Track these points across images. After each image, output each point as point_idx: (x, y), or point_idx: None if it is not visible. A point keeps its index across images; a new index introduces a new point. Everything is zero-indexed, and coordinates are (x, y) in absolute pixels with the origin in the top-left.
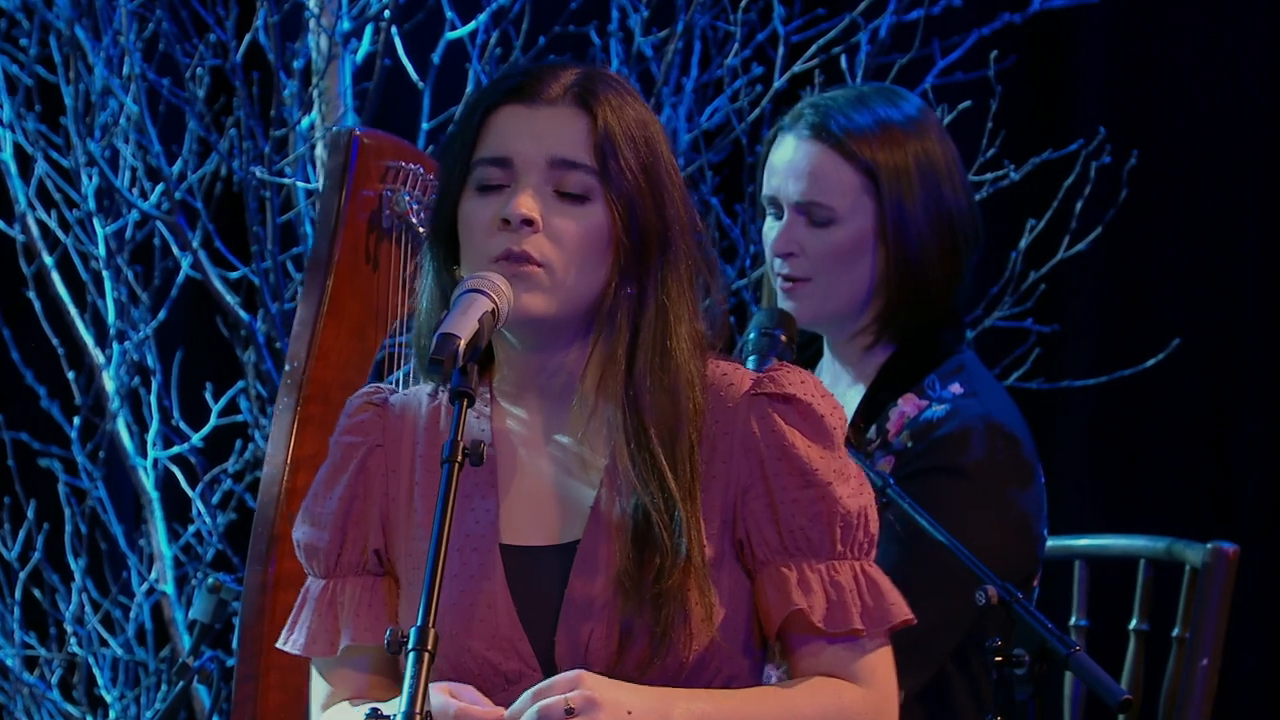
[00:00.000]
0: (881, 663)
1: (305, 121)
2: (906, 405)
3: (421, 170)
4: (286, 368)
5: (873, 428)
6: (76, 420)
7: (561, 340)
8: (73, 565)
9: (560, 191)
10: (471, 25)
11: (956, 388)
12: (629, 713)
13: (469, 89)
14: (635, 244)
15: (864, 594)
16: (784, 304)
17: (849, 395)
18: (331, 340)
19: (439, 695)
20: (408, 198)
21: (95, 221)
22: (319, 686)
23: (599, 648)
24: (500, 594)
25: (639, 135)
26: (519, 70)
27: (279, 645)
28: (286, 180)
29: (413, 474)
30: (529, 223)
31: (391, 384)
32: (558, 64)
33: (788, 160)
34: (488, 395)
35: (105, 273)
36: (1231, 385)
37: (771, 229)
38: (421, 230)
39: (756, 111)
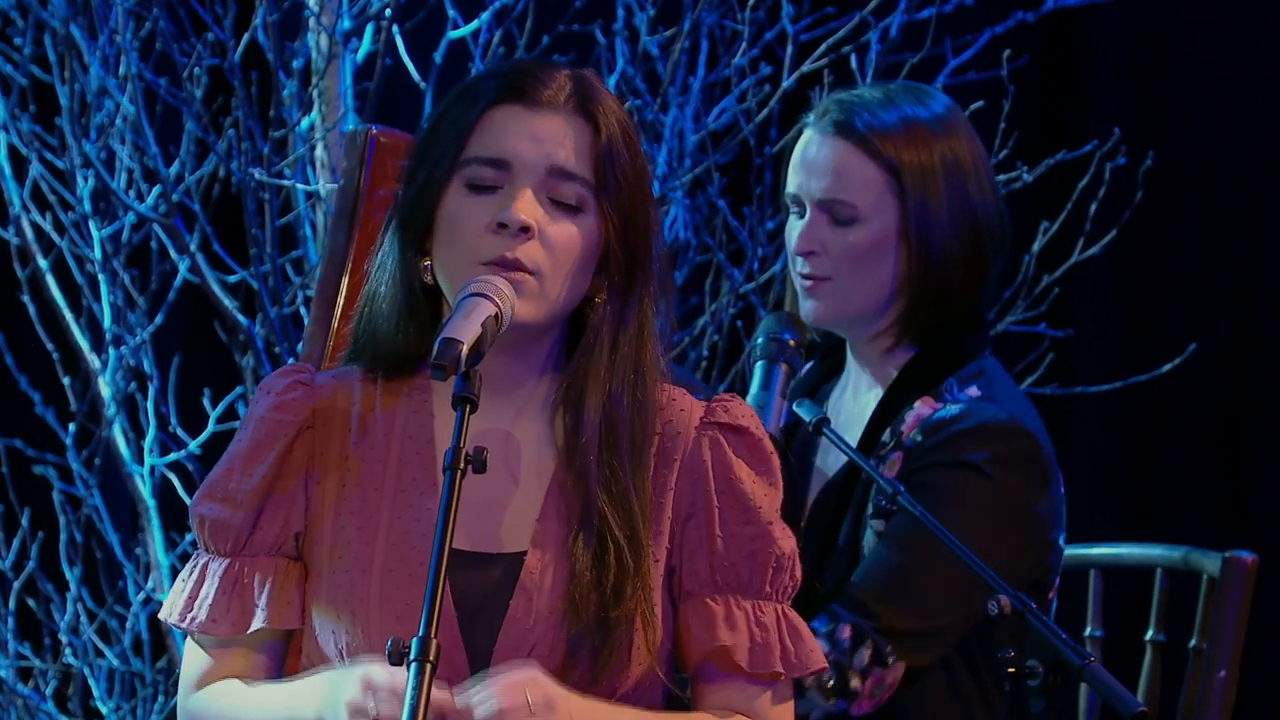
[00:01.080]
0: (788, 710)
1: (305, 122)
2: (923, 407)
3: None
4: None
5: (887, 430)
6: (72, 427)
7: (534, 347)
8: (68, 574)
9: (555, 200)
10: (474, 24)
11: (974, 390)
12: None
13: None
14: (626, 257)
15: (785, 637)
16: (805, 303)
17: (868, 398)
18: (345, 341)
19: (388, 670)
20: None
21: (91, 224)
22: (198, 660)
23: (541, 664)
24: (442, 599)
25: (631, 145)
26: (511, 67)
27: (168, 619)
28: (286, 182)
29: (344, 460)
30: (526, 230)
31: None
32: (548, 63)
33: (811, 157)
34: (430, 392)
35: (101, 276)
36: (1249, 391)
37: (794, 227)
38: None
39: (765, 112)
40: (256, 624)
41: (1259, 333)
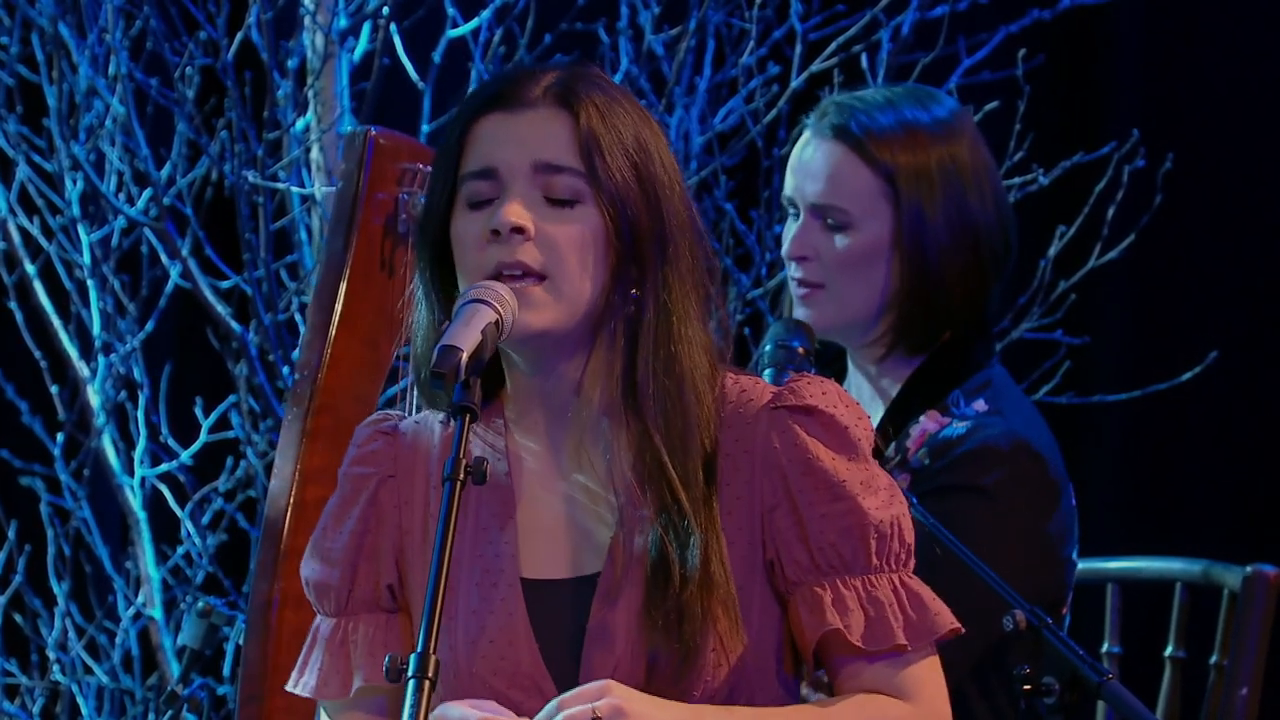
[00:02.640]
0: (930, 675)
1: (300, 124)
2: (929, 422)
3: None
4: (295, 377)
5: (892, 445)
6: (60, 437)
7: (563, 356)
8: (56, 589)
9: (550, 197)
10: (474, 23)
11: (981, 404)
12: None
13: (471, 90)
14: (629, 246)
15: (905, 607)
16: (798, 310)
17: (869, 411)
18: (343, 349)
19: (459, 709)
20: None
21: (80, 228)
22: None
23: (624, 681)
24: (522, 630)
25: (627, 133)
26: (499, 76)
27: (289, 688)
28: (280, 185)
29: (427, 505)
30: (519, 231)
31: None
32: (539, 66)
33: (806, 160)
34: (501, 424)
35: (90, 282)
36: (1272, 399)
37: (789, 230)
38: None
39: (773, 113)
40: (357, 684)
41: None
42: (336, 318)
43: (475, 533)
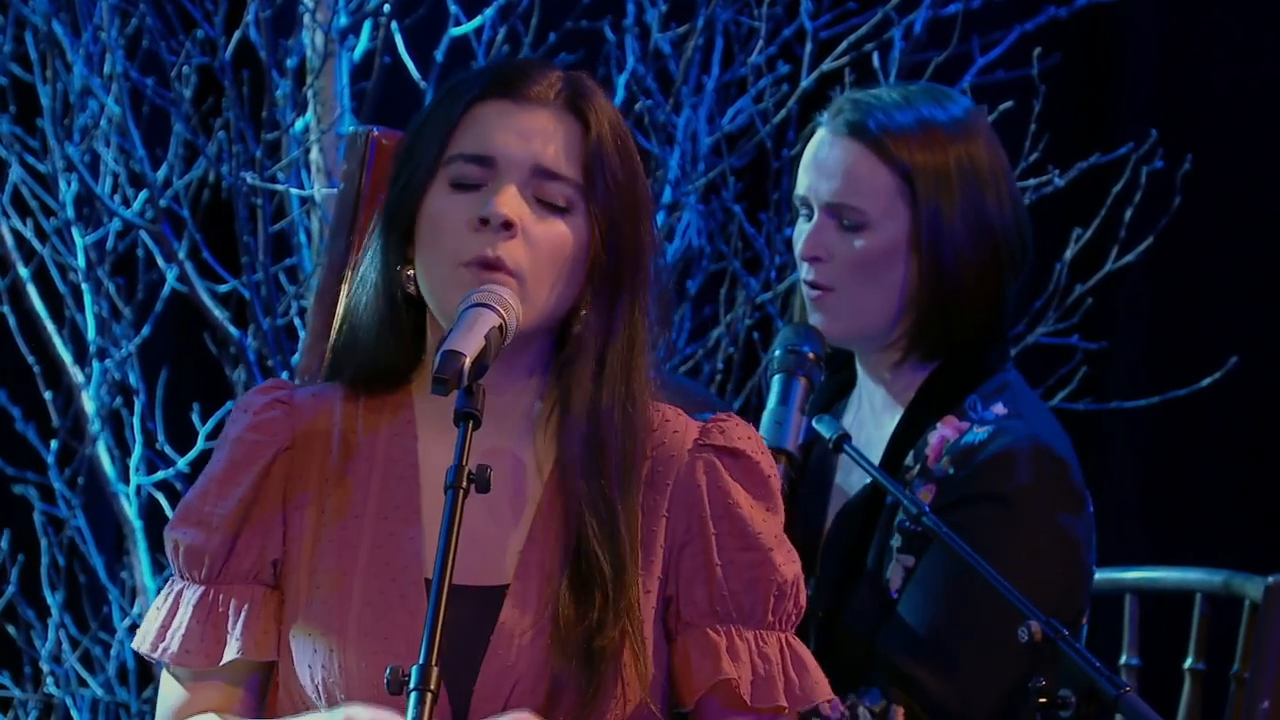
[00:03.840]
0: None
1: (299, 124)
2: (946, 429)
3: None
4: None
5: (910, 454)
6: (54, 444)
7: (517, 356)
8: (49, 599)
9: (540, 199)
10: (477, 21)
11: (1000, 408)
12: None
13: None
14: (612, 263)
15: (789, 669)
16: (811, 317)
17: (884, 419)
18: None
19: (369, 710)
20: None
21: (74, 231)
22: (174, 693)
23: (523, 701)
24: (419, 632)
25: (623, 148)
26: (503, 64)
27: (140, 649)
28: (279, 186)
29: (324, 484)
30: (508, 226)
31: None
32: (540, 61)
33: (821, 158)
34: (409, 411)
35: (85, 285)
36: None
37: (801, 231)
38: None
39: (782, 113)
40: (229, 655)
41: None
42: (337, 322)
43: (376, 521)
